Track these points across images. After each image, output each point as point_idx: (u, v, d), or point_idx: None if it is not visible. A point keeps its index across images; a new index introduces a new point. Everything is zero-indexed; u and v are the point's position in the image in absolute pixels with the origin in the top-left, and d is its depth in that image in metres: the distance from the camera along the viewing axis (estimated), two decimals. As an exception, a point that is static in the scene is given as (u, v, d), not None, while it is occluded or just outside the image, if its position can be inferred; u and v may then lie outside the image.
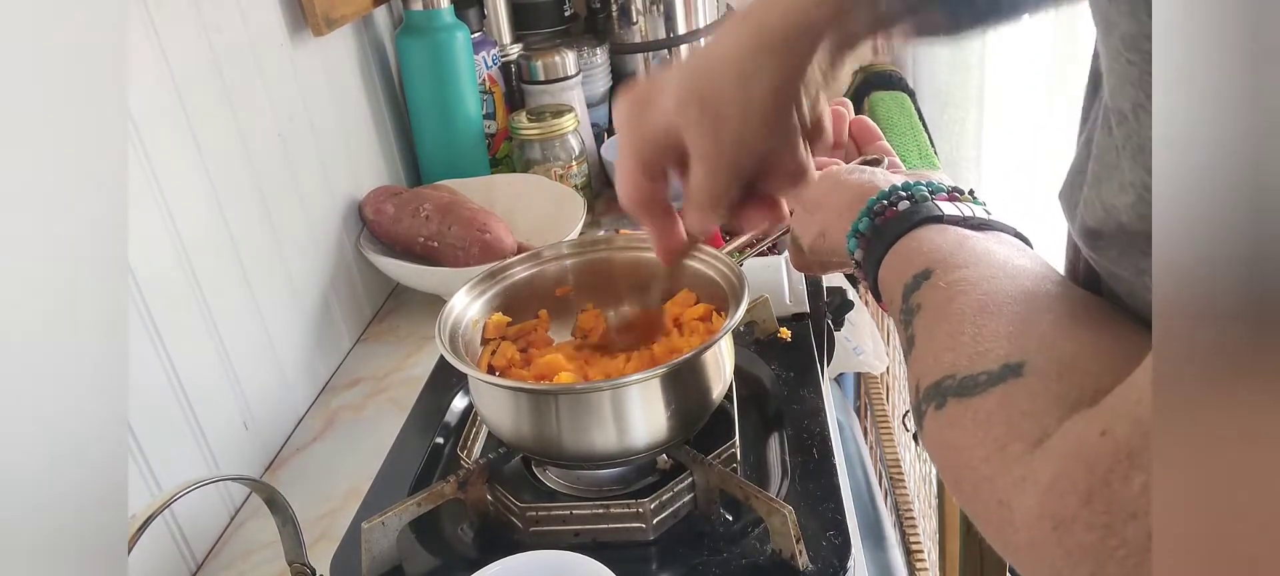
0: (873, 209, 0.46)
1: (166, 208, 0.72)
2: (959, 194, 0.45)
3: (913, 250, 0.42)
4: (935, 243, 0.41)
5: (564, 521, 0.63)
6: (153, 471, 0.68)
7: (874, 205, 0.46)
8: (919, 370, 0.37)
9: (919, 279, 0.40)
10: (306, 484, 0.80)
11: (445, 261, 1.02)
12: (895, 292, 0.41)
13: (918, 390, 0.36)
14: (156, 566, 0.68)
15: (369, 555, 0.62)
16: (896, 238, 0.43)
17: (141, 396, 0.68)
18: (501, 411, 0.64)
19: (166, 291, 0.72)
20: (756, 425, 0.76)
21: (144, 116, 0.71)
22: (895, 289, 0.42)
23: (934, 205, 0.44)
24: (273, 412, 0.86)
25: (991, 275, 0.37)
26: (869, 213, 0.46)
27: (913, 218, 0.44)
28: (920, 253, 0.42)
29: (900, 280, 0.41)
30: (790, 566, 0.58)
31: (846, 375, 1.63)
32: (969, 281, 0.37)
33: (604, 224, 1.25)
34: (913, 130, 1.55)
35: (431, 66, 1.17)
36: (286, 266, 0.91)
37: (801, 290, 0.89)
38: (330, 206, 1.02)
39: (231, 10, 0.85)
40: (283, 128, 0.92)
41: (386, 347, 1.02)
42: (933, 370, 0.35)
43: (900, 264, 0.42)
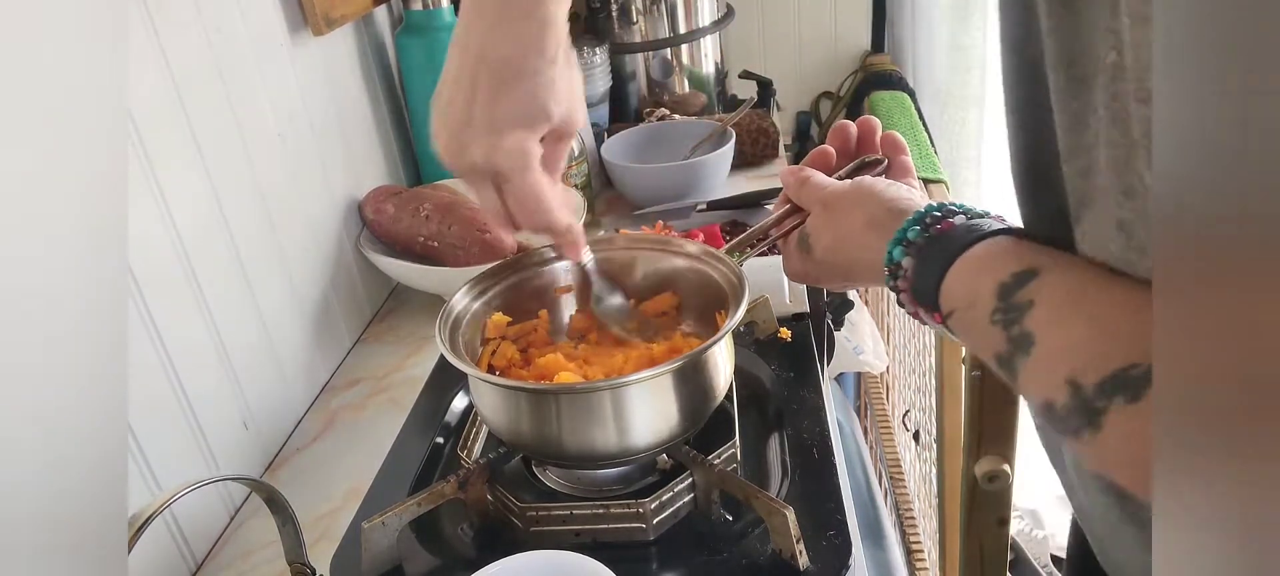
0: (924, 219, 0.47)
1: (166, 207, 0.72)
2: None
3: (995, 255, 0.43)
4: (1022, 248, 0.42)
5: (564, 521, 0.63)
6: (153, 471, 0.68)
7: (925, 216, 0.47)
8: (1066, 365, 0.35)
9: (1023, 277, 0.40)
10: (306, 484, 0.80)
11: (445, 261, 1.02)
12: (983, 292, 0.42)
13: (1075, 387, 0.34)
14: (156, 566, 0.68)
15: (369, 555, 0.62)
16: (968, 245, 0.44)
17: (141, 396, 0.68)
18: (501, 411, 0.63)
19: (166, 291, 0.72)
20: (756, 425, 0.76)
21: (144, 116, 0.71)
22: (983, 288, 0.42)
23: (996, 220, 0.46)
24: (273, 413, 0.86)
25: (1096, 270, 0.37)
26: (920, 223, 0.47)
27: (983, 228, 0.45)
28: (1009, 255, 0.42)
29: (993, 280, 0.41)
30: (790, 566, 0.58)
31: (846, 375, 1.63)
32: (1100, 278, 0.37)
33: (604, 224, 1.25)
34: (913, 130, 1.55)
35: (431, 66, 1.16)
36: (286, 266, 0.91)
37: (801, 290, 0.89)
38: (330, 206, 1.02)
39: (231, 10, 0.85)
40: (283, 127, 0.92)
41: (386, 347, 1.02)
42: (1099, 363, 0.34)
43: (980, 267, 0.43)
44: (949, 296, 0.44)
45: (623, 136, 1.32)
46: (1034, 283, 0.39)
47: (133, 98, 0.70)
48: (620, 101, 1.55)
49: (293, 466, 0.84)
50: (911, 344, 1.51)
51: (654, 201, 1.23)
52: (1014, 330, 0.39)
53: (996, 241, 0.44)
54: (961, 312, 0.43)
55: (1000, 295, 0.40)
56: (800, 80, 1.92)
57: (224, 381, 0.79)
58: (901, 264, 0.47)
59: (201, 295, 0.76)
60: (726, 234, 1.08)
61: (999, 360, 0.40)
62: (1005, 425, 0.88)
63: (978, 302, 0.42)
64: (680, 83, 1.54)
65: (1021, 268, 0.40)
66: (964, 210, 0.47)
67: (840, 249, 0.54)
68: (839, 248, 0.54)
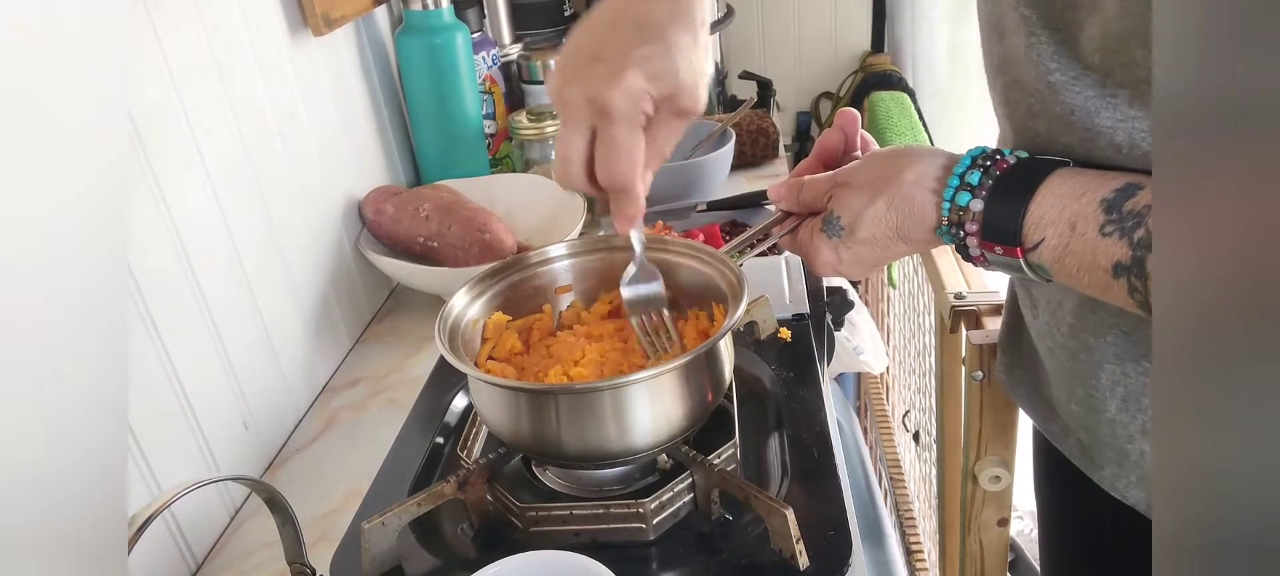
0: (980, 161, 0.50)
1: (166, 207, 0.72)
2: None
3: (1080, 180, 0.45)
4: (1101, 172, 0.45)
5: (564, 521, 0.63)
6: (153, 471, 0.68)
7: (979, 158, 0.50)
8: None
9: (1128, 190, 0.42)
10: (306, 484, 0.80)
11: (445, 261, 1.02)
12: (1087, 210, 0.44)
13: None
14: (156, 566, 0.68)
15: (369, 555, 0.61)
16: (1043, 177, 0.47)
17: (141, 396, 0.68)
18: (501, 411, 0.63)
19: (166, 291, 0.72)
20: (756, 425, 0.76)
21: (144, 116, 0.71)
22: (1086, 207, 0.44)
23: (1048, 157, 0.48)
24: (273, 413, 0.86)
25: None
26: (976, 165, 0.50)
27: (1046, 161, 0.48)
28: (1095, 178, 0.44)
29: (1094, 198, 0.44)
30: (790, 566, 0.58)
31: (846, 375, 1.63)
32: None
33: (604, 224, 1.25)
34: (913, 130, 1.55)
35: (431, 66, 1.17)
36: (286, 266, 0.91)
37: (801, 290, 0.89)
38: (330, 206, 1.02)
39: (231, 10, 0.85)
40: (283, 127, 0.92)
41: (386, 347, 1.02)
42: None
43: (1073, 192, 0.45)
44: (1038, 225, 0.46)
45: (623, 136, 1.32)
46: (1141, 192, 0.42)
47: (133, 98, 0.70)
48: (620, 101, 1.55)
49: (293, 466, 0.84)
50: (911, 344, 1.51)
51: (654, 201, 1.23)
52: (1137, 234, 0.41)
53: (1071, 170, 0.46)
54: (1060, 237, 0.45)
55: (1108, 209, 0.43)
56: (800, 80, 1.92)
57: (224, 381, 0.79)
58: (968, 208, 0.49)
59: (201, 295, 0.76)
60: (726, 234, 1.08)
61: (1119, 269, 0.42)
62: (1005, 425, 0.88)
63: (1081, 221, 0.44)
64: (680, 83, 1.54)
65: (1121, 184, 0.43)
66: (1004, 152, 0.50)
67: (887, 219, 0.54)
68: (886, 217, 0.54)
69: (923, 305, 1.35)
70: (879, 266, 0.59)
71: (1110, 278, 0.43)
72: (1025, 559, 1.73)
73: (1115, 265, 0.42)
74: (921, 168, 0.53)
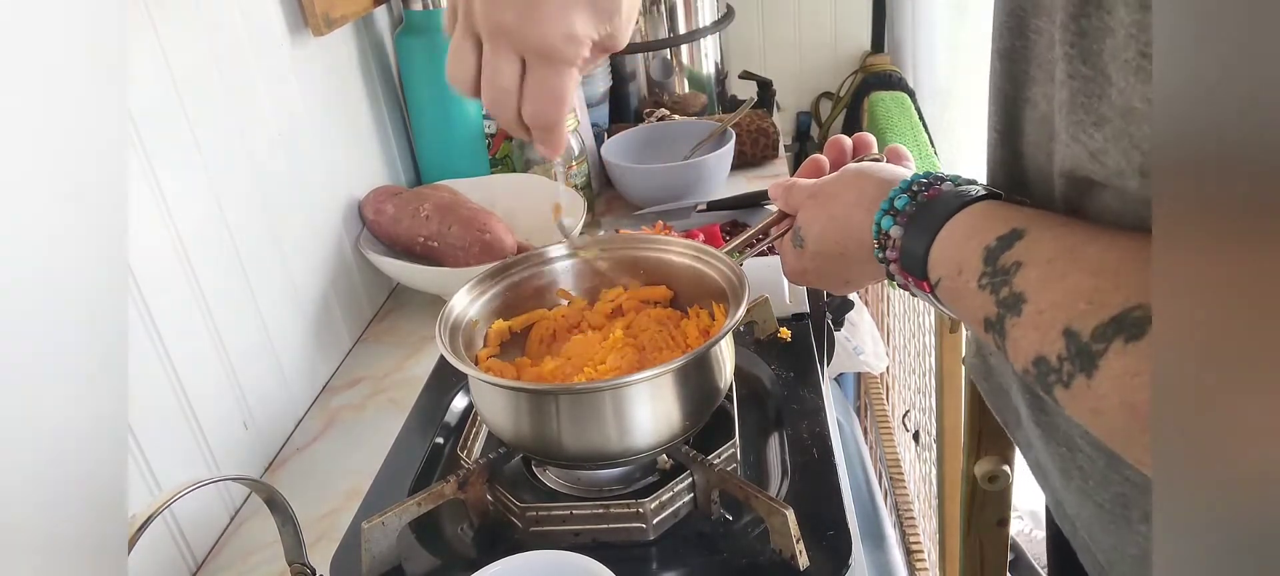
0: (912, 187, 0.47)
1: (166, 207, 0.72)
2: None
3: (980, 219, 0.43)
4: (1006, 211, 0.42)
5: (564, 521, 0.63)
6: (153, 471, 0.68)
7: (912, 184, 0.47)
8: (1061, 318, 0.35)
9: (1009, 239, 0.40)
10: (306, 484, 0.80)
11: (445, 261, 1.02)
12: (969, 257, 0.42)
13: (1072, 335, 0.34)
14: (156, 566, 0.68)
15: (369, 555, 0.62)
16: (955, 210, 0.44)
17: (141, 396, 0.68)
18: (501, 411, 0.63)
19: (166, 291, 0.72)
20: (756, 425, 0.76)
21: (144, 116, 0.71)
22: (969, 254, 0.42)
23: (982, 188, 0.45)
24: (273, 412, 0.86)
25: (1100, 230, 0.37)
26: (907, 191, 0.47)
27: (970, 194, 0.45)
28: (994, 218, 0.42)
29: (979, 244, 0.41)
30: (790, 566, 0.58)
31: (846, 375, 1.63)
32: (1088, 231, 0.37)
33: (604, 224, 1.25)
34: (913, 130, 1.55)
35: (431, 66, 1.16)
36: (286, 266, 0.91)
37: (801, 290, 0.89)
38: (330, 206, 1.02)
39: (231, 10, 0.85)
40: (283, 127, 0.92)
41: (386, 348, 1.02)
42: (1094, 310, 0.33)
43: (969, 232, 0.43)
44: (936, 264, 0.44)
45: (623, 137, 1.33)
46: (1020, 243, 0.39)
47: (133, 98, 0.70)
48: (620, 102, 1.55)
49: (293, 466, 0.84)
50: (911, 344, 1.51)
51: (654, 202, 1.23)
52: (1003, 292, 0.39)
53: (983, 206, 0.44)
54: (949, 280, 0.43)
55: (986, 259, 0.40)
56: (800, 80, 1.92)
57: (224, 381, 0.79)
58: (889, 233, 0.47)
59: (201, 295, 0.76)
60: (726, 234, 1.08)
61: (987, 324, 0.40)
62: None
63: (965, 268, 0.42)
64: (680, 83, 1.54)
65: (1006, 229, 0.40)
66: (951, 178, 0.47)
67: (830, 234, 0.53)
68: (829, 233, 0.53)
69: (923, 305, 1.35)
70: (842, 284, 0.58)
71: (983, 331, 0.41)
72: (1025, 559, 1.73)
73: (985, 320, 0.40)
74: (864, 186, 0.51)
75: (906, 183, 0.47)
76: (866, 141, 0.63)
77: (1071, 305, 0.35)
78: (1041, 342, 0.36)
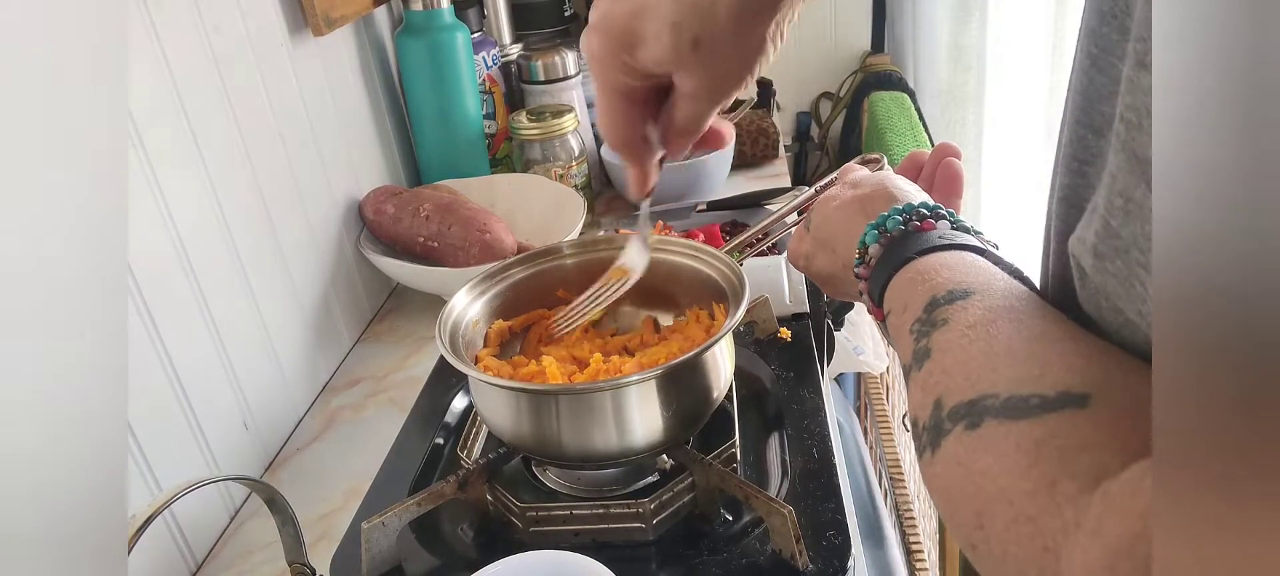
0: (909, 213, 0.46)
1: (166, 207, 0.72)
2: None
3: (943, 268, 0.41)
4: (974, 269, 0.40)
5: (564, 521, 0.63)
6: (153, 471, 0.68)
7: (911, 211, 0.46)
8: (940, 386, 0.34)
9: (953, 295, 0.38)
10: (306, 484, 0.80)
11: (445, 261, 1.02)
12: (914, 300, 0.40)
13: (938, 407, 0.34)
14: (156, 566, 0.68)
15: (369, 555, 0.61)
16: (930, 250, 0.42)
17: (141, 396, 0.68)
18: (501, 411, 0.63)
19: (166, 291, 0.72)
20: (756, 425, 0.76)
21: (144, 116, 0.71)
22: (916, 296, 0.40)
23: (975, 237, 0.44)
24: (273, 413, 0.86)
25: (1043, 310, 0.35)
26: (904, 215, 0.46)
27: (956, 240, 0.43)
28: (957, 271, 0.40)
29: (929, 291, 0.40)
30: (790, 566, 0.58)
31: (846, 375, 1.63)
32: (1019, 311, 0.35)
33: (604, 224, 1.25)
34: (913, 130, 1.55)
35: (431, 66, 1.17)
36: (286, 266, 0.91)
37: (801, 290, 0.89)
38: (330, 206, 1.02)
39: (231, 10, 0.85)
40: (283, 127, 0.92)
41: (386, 347, 1.02)
42: (964, 387, 0.33)
43: (928, 275, 0.41)
44: (891, 296, 0.43)
45: (623, 136, 1.32)
46: (960, 302, 0.37)
47: (133, 98, 0.70)
48: (620, 102, 1.55)
49: (293, 466, 0.84)
50: (911, 344, 1.50)
51: (654, 201, 1.23)
52: (921, 343, 0.38)
53: (957, 256, 0.41)
54: (896, 315, 0.42)
55: (927, 307, 0.39)
56: (800, 80, 1.92)
57: (224, 381, 0.79)
58: (869, 249, 0.46)
59: (201, 295, 0.76)
60: (726, 234, 1.08)
61: (905, 371, 0.39)
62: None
63: (909, 309, 0.40)
64: (680, 83, 1.54)
65: (956, 285, 0.39)
66: (953, 220, 0.45)
67: (831, 224, 0.53)
68: (831, 222, 0.53)
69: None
70: (826, 283, 0.57)
71: (903, 375, 0.40)
72: (1025, 559, 1.73)
73: (904, 366, 0.39)
74: (876, 196, 0.50)
75: (909, 207, 0.46)
76: (952, 171, 0.60)
77: (953, 377, 0.34)
78: (919, 405, 0.35)
